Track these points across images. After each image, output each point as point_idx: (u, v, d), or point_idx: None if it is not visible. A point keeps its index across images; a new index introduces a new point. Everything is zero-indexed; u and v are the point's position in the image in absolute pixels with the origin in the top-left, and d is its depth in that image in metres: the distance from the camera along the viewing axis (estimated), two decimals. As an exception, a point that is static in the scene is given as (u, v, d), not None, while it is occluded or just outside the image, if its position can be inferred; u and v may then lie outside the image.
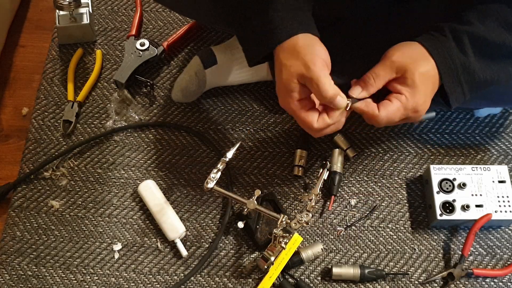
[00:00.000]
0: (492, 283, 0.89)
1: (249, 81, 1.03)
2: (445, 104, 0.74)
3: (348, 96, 0.71)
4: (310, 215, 0.81)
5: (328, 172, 0.91)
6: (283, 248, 0.82)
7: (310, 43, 0.70)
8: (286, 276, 0.89)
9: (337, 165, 0.95)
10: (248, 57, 0.75)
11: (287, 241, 0.82)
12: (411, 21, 0.82)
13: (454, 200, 0.90)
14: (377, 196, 0.96)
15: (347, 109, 0.71)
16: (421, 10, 0.83)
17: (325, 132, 0.73)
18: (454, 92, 0.71)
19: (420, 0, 0.83)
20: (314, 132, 0.72)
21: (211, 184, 0.83)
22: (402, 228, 0.93)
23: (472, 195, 0.91)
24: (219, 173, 0.83)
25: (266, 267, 0.85)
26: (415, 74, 0.68)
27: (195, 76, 0.98)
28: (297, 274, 0.89)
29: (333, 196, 0.94)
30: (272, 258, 0.84)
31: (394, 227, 0.93)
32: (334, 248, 0.92)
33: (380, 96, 0.72)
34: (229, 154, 0.85)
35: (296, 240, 0.87)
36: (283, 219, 0.81)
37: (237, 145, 0.87)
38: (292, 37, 0.70)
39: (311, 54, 0.69)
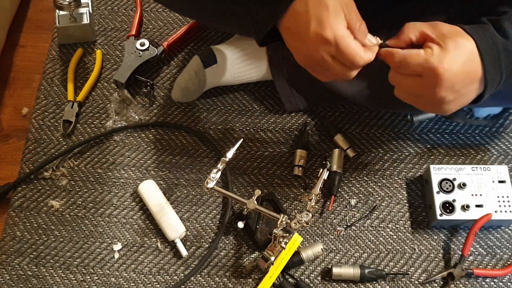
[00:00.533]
0: (492, 283, 0.89)
1: (249, 80, 1.03)
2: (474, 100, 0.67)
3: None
4: (310, 215, 0.81)
5: (328, 172, 0.91)
6: (283, 248, 0.82)
7: None
8: (286, 276, 0.89)
9: (337, 165, 0.95)
10: (259, 30, 0.69)
11: (287, 241, 0.82)
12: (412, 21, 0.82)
13: (454, 200, 0.90)
14: (377, 196, 0.96)
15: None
16: (421, 11, 0.82)
17: (359, 67, 0.66)
18: (493, 81, 0.64)
19: (419, 1, 0.83)
20: (357, 66, 0.65)
21: (211, 184, 0.83)
22: (402, 228, 0.93)
23: (472, 195, 0.91)
24: (219, 173, 0.83)
25: (266, 267, 0.85)
26: (451, 40, 0.61)
27: (195, 76, 0.98)
28: (297, 274, 0.89)
29: (333, 196, 0.94)
30: (272, 258, 0.84)
31: (394, 227, 0.93)
32: (334, 248, 0.92)
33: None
34: (229, 154, 0.85)
35: (296, 240, 0.87)
36: (283, 219, 0.81)
37: (237, 145, 0.87)
38: None
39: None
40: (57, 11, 1.07)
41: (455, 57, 0.61)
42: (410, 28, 0.64)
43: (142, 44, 1.05)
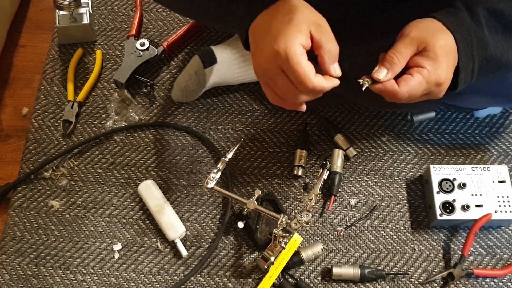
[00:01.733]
0: (492, 283, 0.89)
1: (249, 80, 1.03)
2: (450, 87, 0.70)
3: (372, 80, 0.66)
4: (310, 215, 0.81)
5: (328, 172, 0.91)
6: (283, 248, 0.82)
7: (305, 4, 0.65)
8: (286, 276, 0.89)
9: (337, 165, 0.95)
10: (239, 32, 0.69)
11: (287, 241, 0.82)
12: (404, 22, 0.82)
13: (454, 200, 0.90)
14: (377, 196, 0.96)
15: (363, 89, 0.66)
16: (414, 11, 0.82)
17: (310, 96, 0.65)
18: (467, 68, 0.68)
19: (413, 1, 0.83)
20: (304, 89, 0.62)
21: (211, 184, 0.83)
22: (402, 228, 0.93)
23: (472, 195, 0.91)
24: (219, 173, 0.83)
25: (266, 267, 0.85)
26: (436, 47, 0.65)
27: (195, 76, 0.98)
28: (297, 274, 0.89)
29: (333, 196, 0.94)
30: (272, 258, 0.84)
31: (394, 227, 0.93)
32: (334, 248, 0.92)
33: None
34: (229, 154, 0.85)
35: (296, 240, 0.87)
36: (283, 219, 0.81)
37: (237, 145, 0.87)
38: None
39: (313, 12, 0.64)
40: (57, 11, 1.07)
41: (447, 61, 0.66)
42: (396, 63, 0.66)
43: (142, 44, 1.05)
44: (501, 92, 0.85)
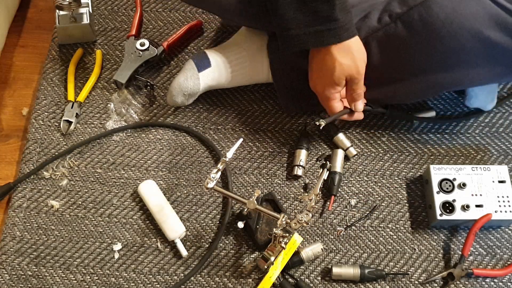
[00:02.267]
0: (492, 283, 0.89)
1: (244, 84, 1.03)
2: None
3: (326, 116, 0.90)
4: (310, 215, 0.81)
5: (328, 172, 0.91)
6: (283, 248, 0.82)
7: (361, 48, 0.84)
8: (286, 276, 0.89)
9: (337, 165, 0.95)
10: (291, 44, 0.83)
11: (287, 241, 0.82)
12: None
13: (454, 200, 0.90)
14: (377, 196, 0.96)
15: (320, 128, 0.87)
16: None
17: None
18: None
19: None
20: (329, 112, 0.91)
21: (211, 184, 0.83)
22: (402, 228, 0.93)
23: (472, 195, 0.91)
24: (219, 173, 0.83)
25: (266, 267, 0.85)
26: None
27: (189, 80, 0.98)
28: (297, 274, 0.89)
29: (333, 196, 0.94)
30: (272, 258, 0.83)
31: (394, 227, 0.93)
32: (334, 248, 0.92)
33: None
34: (229, 154, 0.85)
35: (296, 240, 0.87)
36: (283, 219, 0.81)
37: (237, 145, 0.87)
38: (350, 39, 0.82)
39: (362, 59, 0.84)
40: (57, 11, 1.07)
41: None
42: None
43: (142, 44, 1.05)
44: (499, 61, 0.86)
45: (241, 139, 0.90)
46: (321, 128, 0.86)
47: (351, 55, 0.82)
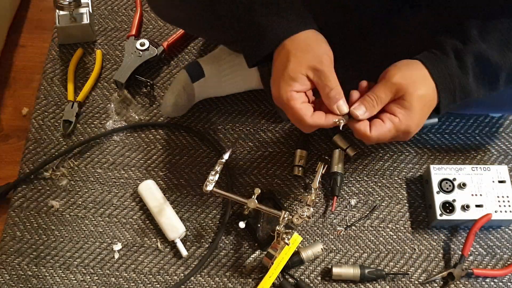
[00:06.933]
0: (492, 283, 0.89)
1: (239, 91, 1.03)
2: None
3: (349, 116, 0.69)
4: (311, 209, 0.81)
5: (326, 166, 0.90)
6: (287, 244, 0.82)
7: (321, 40, 0.70)
8: (286, 276, 0.89)
9: (338, 166, 0.95)
10: (249, 56, 0.73)
11: (290, 237, 0.83)
12: (408, 31, 0.82)
13: (454, 200, 0.90)
14: (377, 196, 0.96)
15: (341, 127, 0.69)
16: (418, 20, 0.82)
17: (313, 129, 0.70)
18: (447, 108, 0.71)
19: (417, 10, 0.83)
20: (304, 126, 0.69)
21: (210, 187, 0.83)
22: (402, 228, 0.93)
23: (472, 195, 0.91)
24: (217, 175, 0.83)
25: (271, 264, 0.85)
26: (413, 97, 0.67)
27: (183, 91, 0.97)
28: (297, 274, 0.89)
29: (335, 197, 0.94)
30: (277, 255, 0.84)
31: (394, 227, 0.93)
32: (334, 248, 0.92)
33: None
34: (226, 156, 0.85)
35: (295, 239, 0.87)
36: (285, 216, 0.81)
37: (231, 148, 0.86)
38: (303, 32, 0.69)
39: (324, 50, 0.69)
40: (57, 11, 1.07)
41: (421, 112, 0.68)
42: (375, 106, 0.68)
43: (142, 44, 1.05)
44: (495, 103, 0.86)
45: (236, 141, 0.89)
46: (340, 127, 0.70)
47: (308, 47, 0.68)
